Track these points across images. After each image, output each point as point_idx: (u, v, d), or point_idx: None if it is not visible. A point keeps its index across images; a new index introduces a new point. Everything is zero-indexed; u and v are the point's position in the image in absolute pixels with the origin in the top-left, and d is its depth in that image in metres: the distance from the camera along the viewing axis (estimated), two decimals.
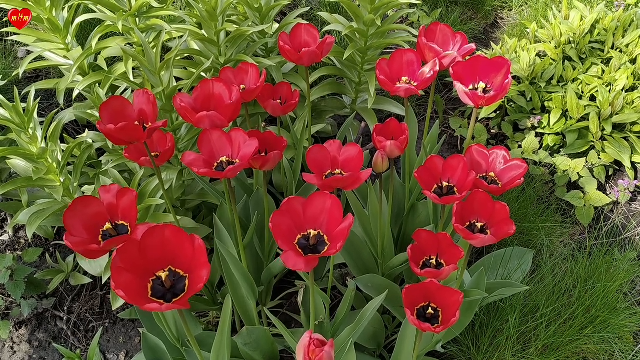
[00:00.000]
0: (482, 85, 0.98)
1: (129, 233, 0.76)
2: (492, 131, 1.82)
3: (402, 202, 1.30)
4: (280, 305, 1.36)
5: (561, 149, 1.71)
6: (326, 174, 0.92)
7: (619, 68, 1.71)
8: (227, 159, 0.88)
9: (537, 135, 1.74)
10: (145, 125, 0.85)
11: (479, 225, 0.84)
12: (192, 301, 1.20)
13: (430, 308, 0.79)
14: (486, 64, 0.98)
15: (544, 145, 1.71)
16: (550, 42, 1.86)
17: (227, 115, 0.91)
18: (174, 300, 0.65)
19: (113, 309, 1.15)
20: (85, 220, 0.74)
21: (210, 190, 1.14)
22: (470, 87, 0.99)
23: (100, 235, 0.75)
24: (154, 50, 1.05)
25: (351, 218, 0.74)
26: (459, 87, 0.95)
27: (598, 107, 1.65)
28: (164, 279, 0.65)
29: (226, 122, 0.90)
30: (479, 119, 1.82)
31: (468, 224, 0.85)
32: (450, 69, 0.99)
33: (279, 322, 0.92)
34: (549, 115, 1.70)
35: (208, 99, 0.95)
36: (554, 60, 1.80)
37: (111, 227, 0.75)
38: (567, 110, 1.69)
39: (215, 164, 0.88)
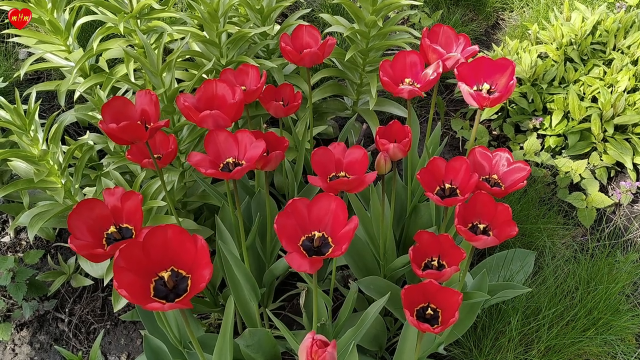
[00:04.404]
0: (486, 86, 0.98)
1: (133, 237, 0.75)
2: (494, 133, 1.82)
3: (404, 203, 1.30)
4: (281, 307, 1.36)
5: (563, 151, 1.71)
6: (330, 176, 0.92)
7: (621, 69, 1.71)
8: (234, 160, 0.88)
9: (538, 136, 1.74)
10: (147, 125, 0.85)
11: (481, 226, 0.84)
12: (194, 303, 1.20)
13: (429, 309, 0.79)
14: (490, 65, 0.98)
15: (545, 147, 1.71)
16: (551, 43, 1.86)
17: (230, 114, 0.91)
18: (176, 300, 0.64)
19: (114, 311, 1.15)
20: (90, 223, 0.74)
21: (212, 192, 1.14)
22: (475, 88, 0.98)
23: (105, 239, 0.75)
24: (156, 51, 1.05)
25: (356, 220, 0.74)
26: (463, 88, 0.95)
27: (600, 109, 1.65)
28: (166, 279, 0.65)
29: (229, 122, 0.90)
30: (481, 120, 1.81)
31: (470, 225, 0.85)
32: (455, 69, 0.99)
33: (281, 324, 0.92)
34: (551, 116, 1.70)
35: (211, 99, 0.95)
36: (555, 61, 1.80)
37: (115, 230, 0.75)
38: (568, 112, 1.69)
39: (222, 165, 0.88)
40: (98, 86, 1.22)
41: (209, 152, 0.88)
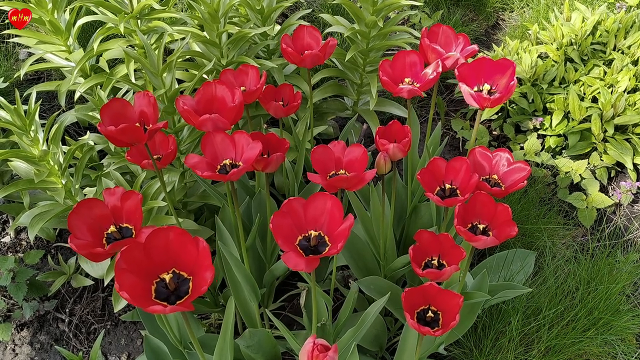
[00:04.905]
0: (487, 87, 0.98)
1: (133, 236, 0.75)
2: (494, 133, 1.82)
3: (405, 203, 1.30)
4: (282, 307, 1.36)
5: (563, 151, 1.71)
6: (330, 174, 0.92)
7: (621, 69, 1.71)
8: (231, 161, 0.88)
9: (539, 136, 1.74)
10: (146, 127, 0.85)
11: (481, 227, 0.84)
12: (194, 303, 1.20)
13: (430, 311, 0.79)
14: (491, 65, 0.98)
15: (545, 147, 1.71)
16: (551, 43, 1.86)
17: (230, 117, 0.91)
18: (177, 302, 0.64)
19: (115, 311, 1.15)
20: (90, 223, 0.74)
21: (212, 192, 1.14)
22: (475, 88, 0.98)
23: (105, 238, 0.75)
24: (156, 52, 1.05)
25: (352, 218, 0.74)
26: (464, 89, 0.95)
27: (600, 109, 1.65)
28: (167, 281, 0.65)
29: (229, 125, 0.90)
30: (481, 120, 1.81)
31: (470, 225, 0.85)
32: (455, 70, 0.99)
33: (281, 324, 0.92)
34: (551, 116, 1.70)
35: (210, 102, 0.95)
36: (555, 61, 1.80)
37: (115, 230, 0.75)
38: (569, 112, 1.69)
39: (219, 167, 0.88)
40: (98, 86, 1.22)
41: (206, 154, 0.88)
